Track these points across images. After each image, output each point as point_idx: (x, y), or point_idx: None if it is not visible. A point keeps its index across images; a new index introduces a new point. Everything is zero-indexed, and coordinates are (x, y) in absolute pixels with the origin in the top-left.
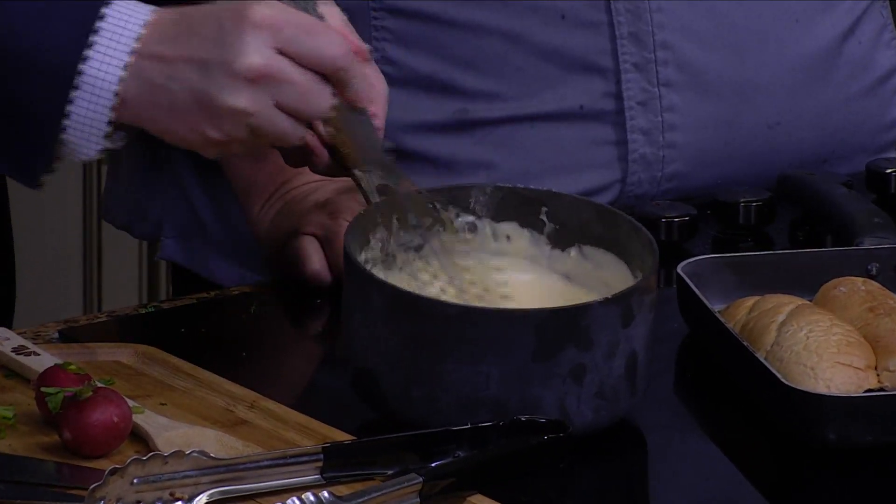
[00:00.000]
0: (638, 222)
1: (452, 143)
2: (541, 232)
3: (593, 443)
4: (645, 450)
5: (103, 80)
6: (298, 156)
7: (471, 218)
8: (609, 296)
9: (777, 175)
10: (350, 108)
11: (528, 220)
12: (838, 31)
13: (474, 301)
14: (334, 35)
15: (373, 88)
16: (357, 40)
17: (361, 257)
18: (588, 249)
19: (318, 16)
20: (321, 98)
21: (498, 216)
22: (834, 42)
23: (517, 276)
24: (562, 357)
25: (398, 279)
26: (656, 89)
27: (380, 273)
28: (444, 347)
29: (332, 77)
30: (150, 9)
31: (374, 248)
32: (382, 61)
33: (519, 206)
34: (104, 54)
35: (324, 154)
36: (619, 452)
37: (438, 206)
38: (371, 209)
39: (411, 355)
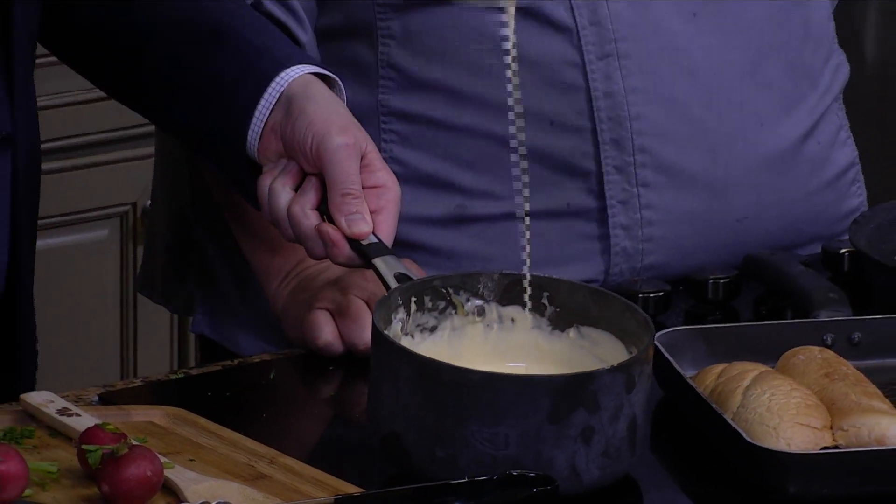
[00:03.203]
0: (631, 303)
1: (452, 236)
2: (542, 314)
3: (583, 498)
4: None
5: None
6: (320, 249)
7: (479, 302)
8: (615, 364)
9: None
10: None
11: (532, 304)
12: (799, 132)
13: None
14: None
15: (387, 192)
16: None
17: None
18: (585, 329)
19: None
20: None
21: (504, 300)
22: (795, 142)
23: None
24: (573, 418)
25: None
26: (635, 189)
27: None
28: (467, 411)
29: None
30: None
31: (396, 327)
32: (390, 161)
33: (523, 291)
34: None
35: (344, 247)
36: None
37: (451, 291)
38: (393, 293)
39: (436, 419)
